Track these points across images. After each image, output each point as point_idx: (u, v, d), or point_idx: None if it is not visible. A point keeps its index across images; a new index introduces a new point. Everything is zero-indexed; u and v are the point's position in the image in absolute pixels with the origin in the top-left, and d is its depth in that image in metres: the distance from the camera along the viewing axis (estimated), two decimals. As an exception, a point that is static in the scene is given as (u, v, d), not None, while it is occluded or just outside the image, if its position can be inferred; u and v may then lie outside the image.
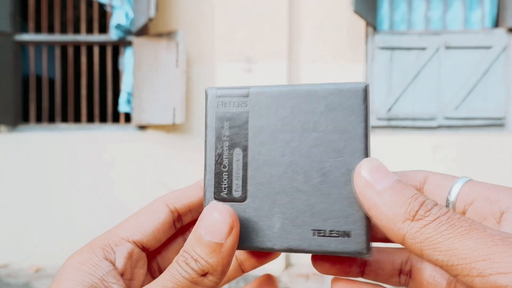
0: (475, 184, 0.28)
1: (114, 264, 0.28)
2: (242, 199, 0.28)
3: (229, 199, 0.28)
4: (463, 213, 0.27)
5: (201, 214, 0.26)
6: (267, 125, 0.28)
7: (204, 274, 0.25)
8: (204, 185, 0.29)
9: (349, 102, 0.28)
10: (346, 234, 0.27)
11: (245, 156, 0.28)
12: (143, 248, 0.30)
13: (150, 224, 0.30)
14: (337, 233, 0.27)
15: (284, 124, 0.28)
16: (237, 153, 0.29)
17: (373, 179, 0.25)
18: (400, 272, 0.31)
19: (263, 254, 0.32)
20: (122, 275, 0.28)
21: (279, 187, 0.28)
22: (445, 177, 0.29)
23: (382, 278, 0.31)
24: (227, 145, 0.29)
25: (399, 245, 0.31)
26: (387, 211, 0.24)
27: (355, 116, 0.28)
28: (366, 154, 0.28)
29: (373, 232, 0.30)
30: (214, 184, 0.29)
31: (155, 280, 0.25)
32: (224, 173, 0.29)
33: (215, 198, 0.29)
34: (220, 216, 0.25)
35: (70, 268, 0.27)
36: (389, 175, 0.25)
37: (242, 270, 0.33)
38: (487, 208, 0.26)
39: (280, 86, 0.29)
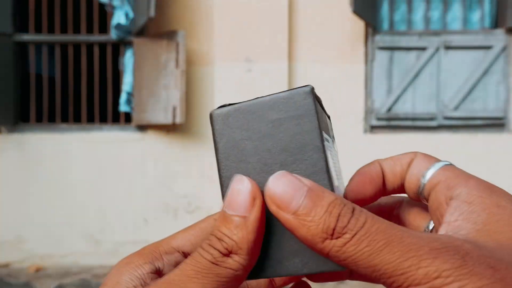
0: (448, 169, 0.27)
1: (160, 270, 0.27)
2: None
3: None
4: (428, 196, 0.27)
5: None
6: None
7: (228, 254, 0.23)
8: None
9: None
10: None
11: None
12: None
13: (200, 238, 0.29)
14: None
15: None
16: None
17: (284, 198, 0.23)
18: (389, 218, 0.31)
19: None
20: None
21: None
22: (428, 159, 0.28)
23: (368, 278, 0.31)
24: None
25: None
26: (305, 233, 0.22)
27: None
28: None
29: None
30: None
31: (176, 267, 0.24)
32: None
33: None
34: (241, 186, 0.24)
35: (115, 269, 0.27)
36: (300, 187, 0.23)
37: (273, 284, 0.31)
38: (444, 193, 0.26)
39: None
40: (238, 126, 0.28)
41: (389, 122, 3.04)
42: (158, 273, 0.27)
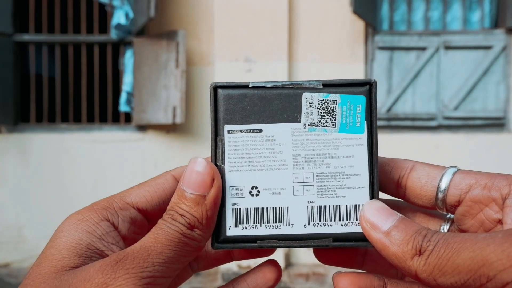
0: (467, 172, 0.28)
1: (116, 227, 0.28)
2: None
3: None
4: (458, 203, 0.28)
5: (184, 171, 0.27)
6: None
7: (191, 228, 0.25)
8: None
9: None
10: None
11: None
12: (147, 217, 0.29)
13: (156, 194, 0.29)
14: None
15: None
16: None
17: (378, 221, 0.26)
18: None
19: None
20: (124, 239, 0.28)
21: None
22: (434, 167, 0.29)
23: (381, 269, 0.31)
24: None
25: None
26: (396, 250, 0.24)
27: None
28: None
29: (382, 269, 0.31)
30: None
31: (146, 236, 0.26)
32: None
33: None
34: (200, 168, 0.26)
35: (68, 226, 0.26)
36: (392, 214, 0.26)
37: (231, 256, 0.32)
38: (487, 195, 0.26)
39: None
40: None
41: (389, 122, 3.04)
42: (115, 230, 0.28)
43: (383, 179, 0.30)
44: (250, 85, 0.28)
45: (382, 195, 0.31)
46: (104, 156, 3.03)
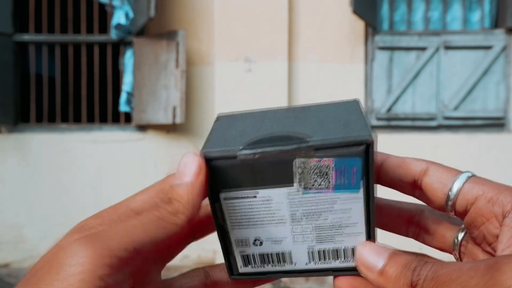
0: (478, 181, 0.28)
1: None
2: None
3: None
4: (465, 212, 0.28)
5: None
6: None
7: (176, 213, 0.27)
8: None
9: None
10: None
11: None
12: None
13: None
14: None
15: None
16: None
17: (371, 262, 0.27)
18: (409, 223, 0.32)
19: None
20: None
21: None
22: (447, 171, 0.29)
23: (389, 227, 0.33)
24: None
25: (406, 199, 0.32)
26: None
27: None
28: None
29: None
30: None
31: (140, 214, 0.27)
32: None
33: None
34: (188, 158, 0.29)
35: (83, 247, 0.27)
36: (382, 252, 0.27)
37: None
38: (489, 209, 0.26)
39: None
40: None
41: (389, 122, 3.04)
42: None
43: (397, 181, 0.31)
44: (238, 157, 0.28)
45: (400, 195, 0.32)
46: (104, 156, 3.03)
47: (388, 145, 3.00)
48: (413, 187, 0.30)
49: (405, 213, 0.32)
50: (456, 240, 0.30)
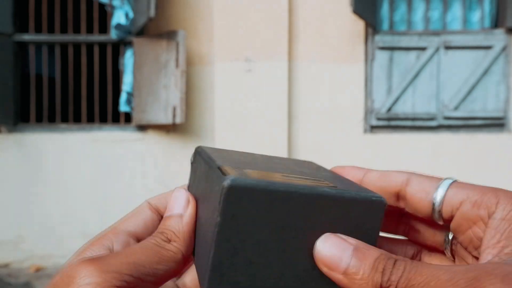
0: (461, 186, 0.27)
1: (111, 250, 0.30)
2: None
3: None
4: (451, 217, 0.27)
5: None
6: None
7: (168, 241, 0.29)
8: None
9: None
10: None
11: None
12: (138, 240, 0.32)
13: (140, 219, 0.33)
14: None
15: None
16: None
17: (333, 262, 0.25)
18: (398, 222, 0.32)
19: None
20: None
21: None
22: (429, 180, 0.29)
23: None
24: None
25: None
26: None
27: None
28: None
29: None
30: None
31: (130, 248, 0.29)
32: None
33: None
34: (179, 194, 0.31)
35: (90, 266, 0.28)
36: (346, 249, 0.24)
37: None
38: (475, 213, 0.26)
39: None
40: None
41: (389, 122, 3.04)
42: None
43: (382, 193, 0.30)
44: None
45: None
46: (104, 156, 3.03)
47: (388, 145, 3.00)
48: (396, 198, 0.30)
49: (393, 213, 0.32)
50: (447, 239, 0.29)
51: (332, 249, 0.25)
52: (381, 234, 0.30)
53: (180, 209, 0.30)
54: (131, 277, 0.26)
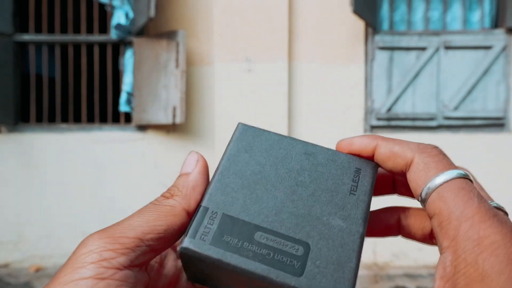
0: (445, 192, 0.27)
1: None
2: (307, 247, 0.28)
3: (303, 261, 0.28)
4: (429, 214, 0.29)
5: None
6: (243, 201, 0.30)
7: (171, 196, 0.29)
8: (282, 284, 0.27)
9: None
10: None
11: (264, 230, 0.29)
12: None
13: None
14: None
15: (249, 188, 0.30)
16: (258, 235, 0.29)
17: None
18: (432, 236, 0.32)
19: None
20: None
21: (304, 208, 0.30)
22: (425, 170, 0.29)
23: (416, 239, 0.33)
24: (247, 244, 0.29)
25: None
26: None
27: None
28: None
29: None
30: (284, 271, 0.28)
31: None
32: (275, 256, 0.28)
33: (299, 276, 0.27)
34: (190, 156, 0.32)
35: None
36: None
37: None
38: (437, 233, 0.26)
39: (215, 175, 0.31)
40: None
41: (389, 122, 3.04)
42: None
43: (390, 171, 0.32)
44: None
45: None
46: (104, 156, 3.03)
47: (388, 145, 3.00)
48: (404, 176, 0.31)
49: (383, 222, 0.33)
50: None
51: None
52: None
53: (190, 168, 0.31)
54: (127, 239, 0.26)
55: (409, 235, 0.33)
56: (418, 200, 0.28)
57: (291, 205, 0.29)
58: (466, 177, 0.27)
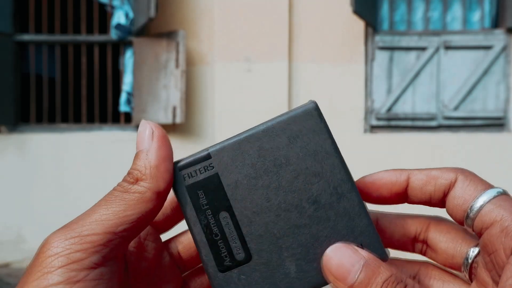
0: (502, 203, 0.25)
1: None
2: (248, 259, 0.27)
3: (234, 265, 0.27)
4: (480, 234, 0.25)
5: None
6: (241, 178, 0.28)
7: (135, 182, 0.26)
8: (203, 262, 0.28)
9: (308, 125, 0.28)
10: (360, 246, 0.27)
11: (232, 216, 0.28)
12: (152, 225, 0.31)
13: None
14: None
15: (257, 170, 0.28)
16: (224, 216, 0.28)
17: (341, 273, 0.24)
18: (415, 240, 0.30)
19: None
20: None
21: (279, 232, 0.27)
22: (474, 184, 0.26)
23: (394, 246, 0.30)
24: (210, 213, 0.28)
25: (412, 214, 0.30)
26: None
27: (318, 136, 0.28)
28: (344, 167, 0.28)
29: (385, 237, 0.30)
30: (213, 256, 0.27)
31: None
32: (219, 241, 0.28)
33: (220, 270, 0.27)
34: (142, 128, 0.28)
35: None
36: (356, 262, 0.24)
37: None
38: (500, 239, 0.24)
39: (238, 135, 0.29)
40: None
41: (389, 122, 3.04)
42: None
43: (427, 200, 0.28)
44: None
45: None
46: (104, 156, 3.03)
47: (388, 145, 3.00)
48: (443, 202, 0.28)
49: (410, 231, 0.30)
50: (466, 262, 0.27)
51: (341, 260, 0.24)
52: (394, 253, 0.29)
53: (146, 143, 0.27)
54: (96, 236, 0.24)
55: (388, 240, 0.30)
56: (462, 217, 0.26)
57: (273, 218, 0.28)
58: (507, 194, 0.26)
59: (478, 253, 0.27)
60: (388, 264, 0.25)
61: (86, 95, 3.22)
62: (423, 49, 3.02)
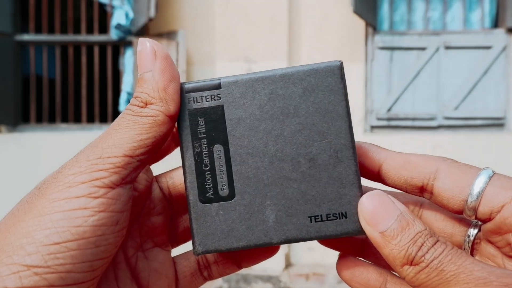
0: (502, 183, 0.25)
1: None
2: (230, 197, 0.27)
3: (216, 199, 0.27)
4: (489, 219, 0.25)
5: None
6: (245, 116, 0.27)
7: (144, 106, 0.26)
8: (186, 188, 0.27)
9: (327, 82, 0.28)
10: (343, 215, 0.27)
11: (226, 152, 0.27)
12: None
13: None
14: (334, 216, 0.27)
15: (263, 113, 0.27)
16: (218, 149, 0.27)
17: (374, 219, 0.24)
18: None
19: (261, 251, 0.30)
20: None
21: (268, 179, 0.27)
22: (462, 171, 0.27)
23: (382, 263, 0.30)
24: (205, 142, 0.27)
25: None
26: (388, 254, 0.24)
27: (334, 95, 0.28)
28: (351, 133, 0.28)
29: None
30: (197, 185, 0.27)
31: None
32: (207, 173, 0.27)
33: (200, 201, 0.27)
34: (143, 47, 0.26)
35: None
36: (391, 212, 0.24)
37: (237, 266, 0.31)
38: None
39: (254, 73, 0.28)
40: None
41: (389, 122, 3.04)
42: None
43: (403, 184, 0.28)
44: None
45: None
46: (104, 156, 3.03)
47: (388, 145, 3.00)
48: (421, 190, 0.28)
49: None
50: (467, 238, 0.28)
51: (377, 206, 0.25)
52: None
53: (149, 64, 0.26)
54: (116, 158, 0.25)
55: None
56: (461, 207, 0.26)
57: (265, 165, 0.27)
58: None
59: (477, 233, 0.27)
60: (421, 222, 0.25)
61: (86, 95, 3.22)
62: (423, 49, 3.02)
